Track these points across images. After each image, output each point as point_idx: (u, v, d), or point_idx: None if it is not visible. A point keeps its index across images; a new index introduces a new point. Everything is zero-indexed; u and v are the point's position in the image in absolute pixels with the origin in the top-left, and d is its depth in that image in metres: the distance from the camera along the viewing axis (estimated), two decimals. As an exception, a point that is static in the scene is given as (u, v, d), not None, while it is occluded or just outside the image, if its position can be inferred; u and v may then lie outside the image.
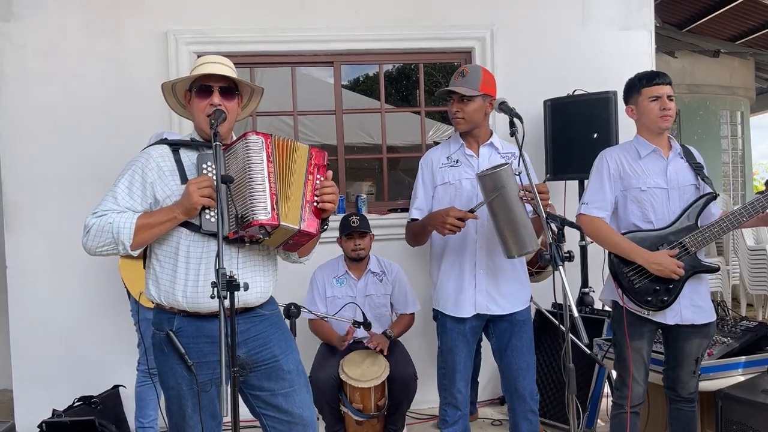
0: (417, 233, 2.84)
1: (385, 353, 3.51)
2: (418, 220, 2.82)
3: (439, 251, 2.83)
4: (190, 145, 2.18)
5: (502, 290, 2.74)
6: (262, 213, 1.97)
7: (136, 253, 2.10)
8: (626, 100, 2.82)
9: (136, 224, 2.03)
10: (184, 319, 2.11)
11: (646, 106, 2.72)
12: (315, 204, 2.11)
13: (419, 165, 2.90)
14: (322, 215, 2.14)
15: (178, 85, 2.22)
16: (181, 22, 4.13)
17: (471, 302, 2.74)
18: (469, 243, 2.74)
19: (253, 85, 2.26)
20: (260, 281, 2.18)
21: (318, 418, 3.44)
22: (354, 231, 3.63)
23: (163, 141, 2.20)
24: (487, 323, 2.81)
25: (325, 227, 2.17)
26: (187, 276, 2.08)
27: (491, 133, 2.84)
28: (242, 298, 2.06)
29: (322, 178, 2.14)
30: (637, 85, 2.75)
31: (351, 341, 3.53)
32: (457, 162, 2.80)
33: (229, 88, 2.17)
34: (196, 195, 1.99)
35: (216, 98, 2.13)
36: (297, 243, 2.14)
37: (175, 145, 2.17)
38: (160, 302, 2.14)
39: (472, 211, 2.54)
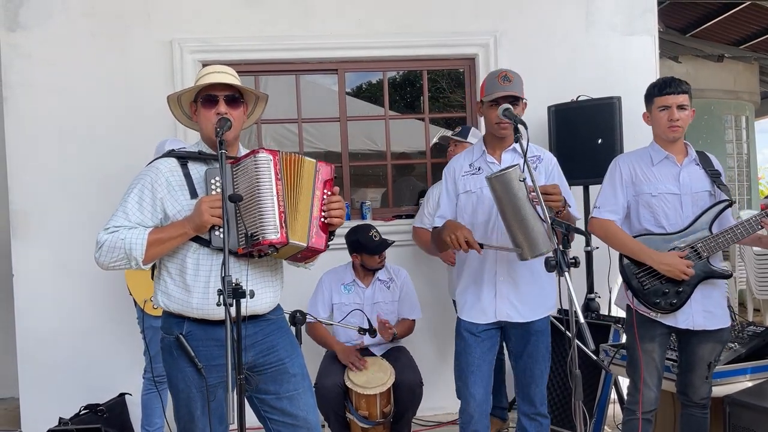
0: (437, 241, 2.83)
1: (387, 339, 3.53)
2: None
3: (463, 257, 2.83)
4: (198, 158, 2.20)
5: (523, 298, 2.74)
6: (272, 232, 2.01)
7: (147, 267, 2.14)
8: (646, 107, 2.83)
9: (148, 240, 2.06)
10: (194, 323, 2.14)
11: (656, 115, 2.74)
12: (322, 219, 2.14)
13: (443, 174, 2.90)
14: (329, 229, 2.16)
15: (184, 96, 2.24)
16: (186, 31, 4.15)
17: (491, 309, 2.74)
18: (491, 251, 2.72)
19: (257, 92, 2.28)
20: (270, 291, 2.23)
21: (324, 426, 3.45)
22: (382, 249, 3.62)
23: (170, 153, 2.22)
24: (505, 328, 2.81)
25: (332, 238, 2.20)
26: (196, 287, 2.11)
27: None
28: (252, 308, 2.09)
29: (329, 193, 2.17)
30: (651, 92, 2.76)
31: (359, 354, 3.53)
32: (479, 170, 2.79)
33: (235, 96, 2.19)
34: (208, 214, 2.02)
35: (222, 107, 2.15)
36: (304, 257, 2.19)
37: (183, 158, 2.19)
38: (170, 311, 2.17)
39: (481, 246, 2.57)
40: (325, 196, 2.16)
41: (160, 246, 2.08)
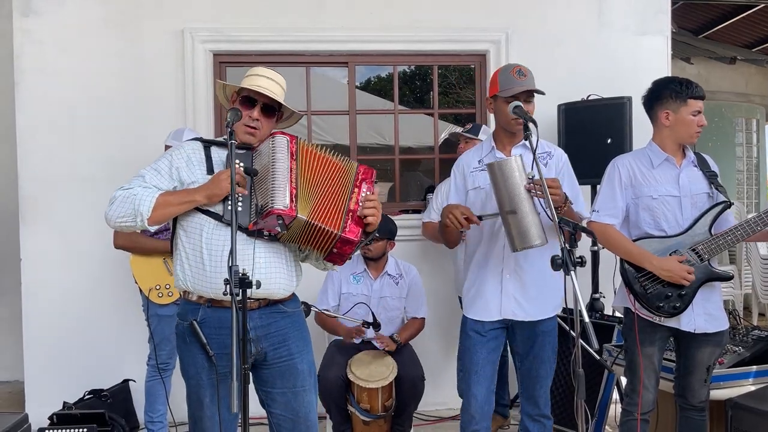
0: (437, 230, 2.82)
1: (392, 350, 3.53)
2: None
3: (471, 252, 2.81)
4: (222, 143, 2.26)
5: (530, 296, 2.69)
6: (280, 203, 2.04)
7: (153, 229, 2.18)
8: (657, 103, 2.72)
9: (158, 200, 2.11)
10: (209, 310, 2.17)
11: (687, 117, 2.66)
12: (358, 214, 2.18)
13: (452, 170, 2.88)
14: (365, 228, 2.19)
15: (229, 86, 2.30)
16: (198, 20, 4.16)
17: (496, 307, 2.71)
18: (497, 247, 2.70)
19: (295, 110, 2.33)
20: (282, 275, 2.22)
21: (325, 417, 3.47)
22: None
23: (197, 139, 2.31)
24: (511, 327, 2.78)
25: (370, 241, 2.24)
26: (211, 265, 2.13)
27: None
28: (264, 289, 2.11)
29: (368, 192, 2.21)
30: (683, 93, 2.65)
31: (360, 340, 3.54)
32: None
33: (272, 107, 2.24)
34: (226, 182, 2.08)
35: (256, 113, 2.21)
36: (340, 253, 2.19)
37: (207, 143, 2.26)
38: (187, 288, 2.20)
39: (480, 218, 2.54)
40: (363, 194, 2.20)
41: (167, 208, 2.12)
